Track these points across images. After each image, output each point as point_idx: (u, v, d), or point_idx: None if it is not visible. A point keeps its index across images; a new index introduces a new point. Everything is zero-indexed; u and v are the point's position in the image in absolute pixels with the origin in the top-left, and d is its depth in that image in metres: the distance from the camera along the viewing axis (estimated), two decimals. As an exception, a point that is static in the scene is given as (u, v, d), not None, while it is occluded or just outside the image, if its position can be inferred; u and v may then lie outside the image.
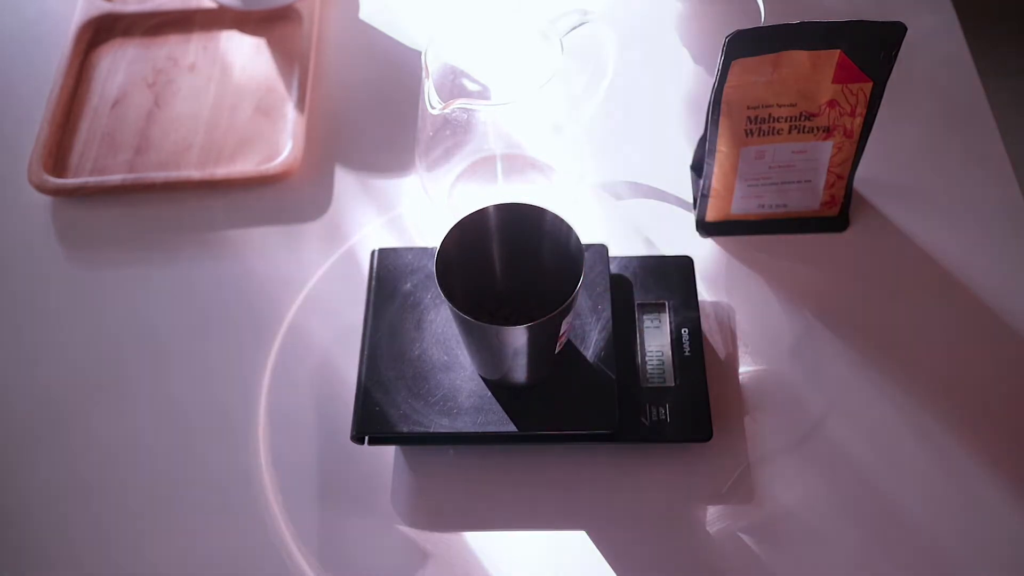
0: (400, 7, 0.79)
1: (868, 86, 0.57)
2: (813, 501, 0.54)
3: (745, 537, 0.53)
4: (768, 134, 0.59)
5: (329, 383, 0.60)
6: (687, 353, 0.57)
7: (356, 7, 0.79)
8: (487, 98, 0.64)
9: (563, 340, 0.53)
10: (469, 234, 0.52)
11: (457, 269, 0.51)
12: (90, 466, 0.58)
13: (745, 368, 0.59)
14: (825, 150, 0.60)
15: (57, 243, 0.68)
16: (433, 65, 0.57)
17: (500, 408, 0.54)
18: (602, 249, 0.59)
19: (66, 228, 0.68)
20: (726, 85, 0.57)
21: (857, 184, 0.64)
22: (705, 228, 0.65)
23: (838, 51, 0.55)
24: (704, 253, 0.64)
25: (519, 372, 0.53)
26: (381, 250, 0.61)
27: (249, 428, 0.59)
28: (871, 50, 0.56)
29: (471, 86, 0.65)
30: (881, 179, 0.66)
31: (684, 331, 0.57)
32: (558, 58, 0.56)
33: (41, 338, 0.63)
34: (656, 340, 0.57)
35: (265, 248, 0.66)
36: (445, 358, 0.56)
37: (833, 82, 0.57)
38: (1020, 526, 0.53)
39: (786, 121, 0.59)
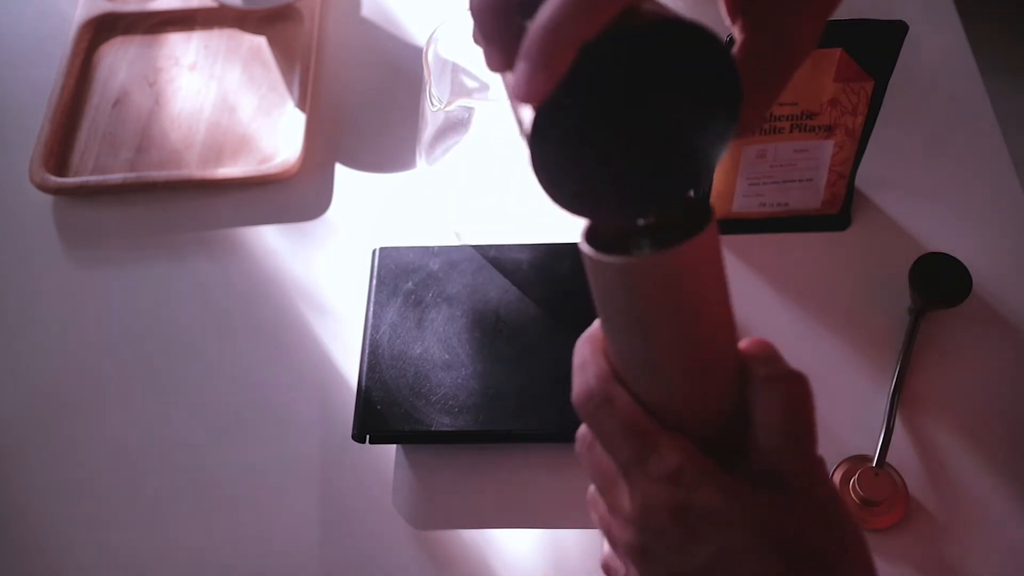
0: (401, 5, 0.79)
1: (869, 84, 0.57)
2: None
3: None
4: (769, 133, 0.59)
5: (330, 382, 0.60)
6: (688, 352, 0.56)
7: (357, 5, 0.79)
8: (488, 96, 0.64)
9: None
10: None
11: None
12: (90, 464, 0.58)
13: (746, 367, 0.59)
14: (826, 149, 0.60)
15: (58, 242, 0.68)
16: (434, 63, 0.57)
17: (502, 406, 0.54)
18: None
19: (67, 227, 0.68)
20: (727, 84, 0.57)
21: (858, 182, 0.64)
22: (706, 227, 0.65)
23: (839, 50, 0.55)
24: (705, 252, 0.63)
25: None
26: (382, 249, 0.61)
27: (250, 427, 0.59)
28: (872, 48, 0.55)
29: (472, 84, 0.65)
30: (882, 177, 0.66)
31: (685, 330, 0.57)
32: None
33: (41, 337, 0.64)
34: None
35: (266, 247, 0.66)
36: (446, 357, 0.56)
37: (834, 81, 0.57)
38: (1020, 525, 0.53)
39: (787, 120, 0.59)
